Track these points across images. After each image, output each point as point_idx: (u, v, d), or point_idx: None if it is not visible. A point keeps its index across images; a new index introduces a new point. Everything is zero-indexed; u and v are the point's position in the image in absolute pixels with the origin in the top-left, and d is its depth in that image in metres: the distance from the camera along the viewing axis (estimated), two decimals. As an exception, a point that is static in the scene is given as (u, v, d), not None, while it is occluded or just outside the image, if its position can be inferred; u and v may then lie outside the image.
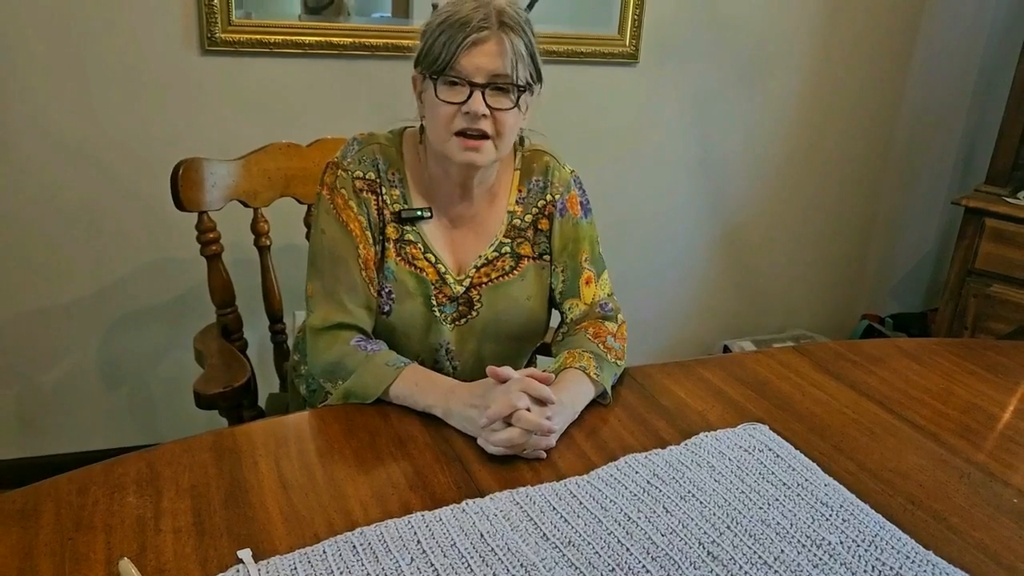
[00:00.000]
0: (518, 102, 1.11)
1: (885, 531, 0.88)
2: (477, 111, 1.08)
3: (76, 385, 2.04)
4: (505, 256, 1.25)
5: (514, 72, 1.09)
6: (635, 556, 0.82)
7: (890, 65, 2.62)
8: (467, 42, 1.06)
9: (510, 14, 1.09)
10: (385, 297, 1.21)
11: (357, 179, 1.19)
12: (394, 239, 1.21)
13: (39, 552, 0.79)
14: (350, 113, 2.00)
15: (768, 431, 1.07)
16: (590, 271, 1.27)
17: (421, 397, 1.07)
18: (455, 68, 1.08)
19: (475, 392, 1.04)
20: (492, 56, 1.08)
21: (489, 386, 1.03)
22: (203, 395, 1.22)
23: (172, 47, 1.85)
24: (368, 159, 1.20)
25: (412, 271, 1.21)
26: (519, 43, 1.09)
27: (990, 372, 1.33)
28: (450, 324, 1.24)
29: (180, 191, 1.38)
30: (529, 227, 1.26)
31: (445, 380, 1.10)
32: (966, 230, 2.35)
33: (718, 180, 2.55)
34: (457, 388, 1.06)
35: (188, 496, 0.88)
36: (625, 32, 2.22)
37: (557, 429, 1.02)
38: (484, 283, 1.24)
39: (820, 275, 2.86)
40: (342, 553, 0.80)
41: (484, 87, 1.09)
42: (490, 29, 1.07)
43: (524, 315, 1.26)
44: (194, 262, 1.59)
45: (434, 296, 1.22)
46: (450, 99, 1.09)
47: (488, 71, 1.08)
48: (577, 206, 1.27)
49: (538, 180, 1.26)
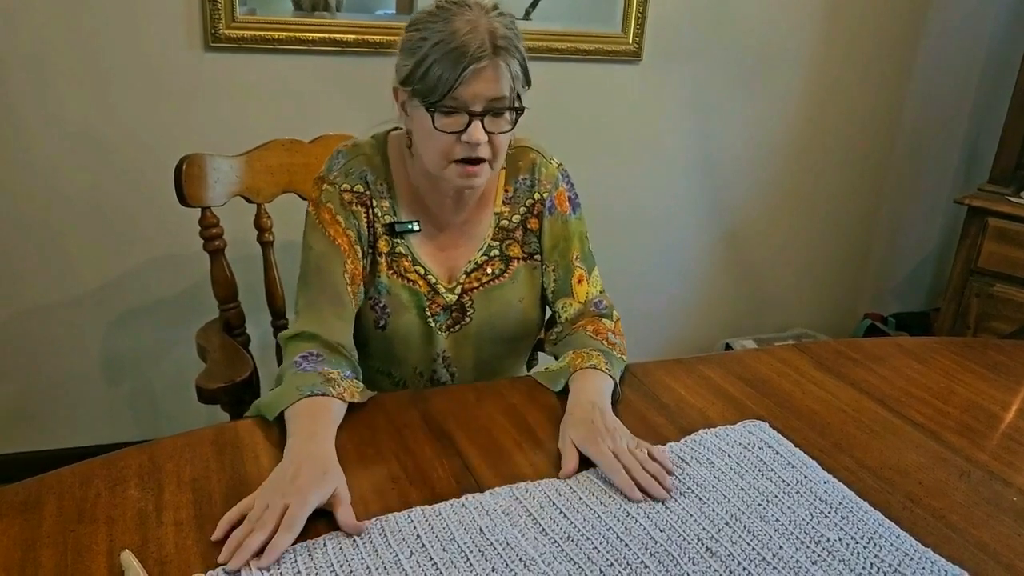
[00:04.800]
0: (515, 123, 1.09)
1: (884, 528, 0.88)
2: (478, 140, 1.05)
3: (79, 379, 2.05)
4: (495, 259, 1.23)
5: (512, 95, 1.06)
6: (634, 552, 0.82)
7: (893, 63, 2.62)
8: (466, 74, 1.01)
9: (502, 33, 1.04)
10: (380, 312, 1.19)
11: (345, 192, 1.16)
12: (385, 252, 1.19)
13: (41, 544, 0.79)
14: (353, 109, 2.00)
15: (768, 428, 1.07)
16: (581, 269, 1.26)
17: (293, 429, 0.96)
18: (453, 98, 1.03)
19: (317, 472, 0.88)
20: (490, 83, 1.04)
21: (330, 474, 0.88)
22: (205, 390, 1.22)
23: (176, 44, 1.86)
24: (355, 172, 1.17)
25: (404, 284, 1.20)
26: (514, 64, 1.05)
27: (992, 371, 1.33)
28: (445, 332, 1.23)
29: (183, 187, 1.38)
30: (517, 227, 1.24)
31: (322, 432, 0.96)
32: (969, 229, 2.35)
33: (720, 178, 2.55)
34: (314, 453, 0.91)
35: (189, 489, 0.88)
36: (628, 30, 2.22)
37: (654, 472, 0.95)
38: (475, 288, 1.22)
39: (822, 274, 2.86)
40: (342, 546, 0.81)
41: (483, 115, 1.05)
42: (487, 57, 1.02)
43: (517, 317, 1.25)
44: (197, 257, 1.59)
45: (427, 307, 1.20)
46: (449, 129, 1.05)
47: (486, 98, 1.04)
48: (566, 202, 1.25)
49: (525, 178, 1.23)
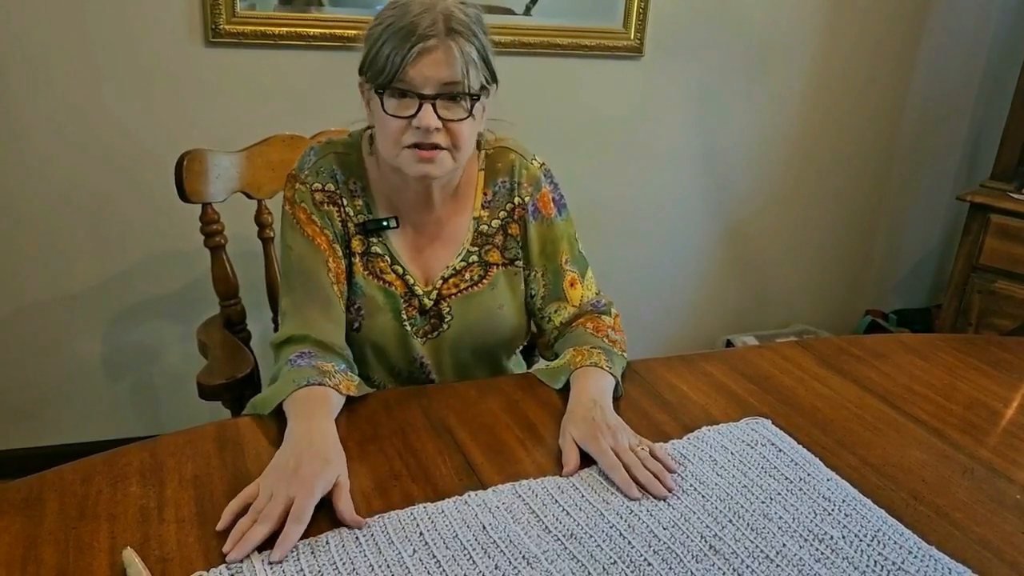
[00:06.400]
0: (472, 111, 1.05)
1: (887, 526, 0.88)
2: (428, 125, 1.01)
3: (80, 376, 2.05)
4: (473, 265, 1.20)
5: (465, 79, 1.02)
6: (637, 549, 0.82)
7: (895, 60, 2.61)
8: (413, 52, 0.99)
9: (458, 17, 1.02)
10: (355, 313, 1.17)
11: (316, 191, 1.14)
12: (360, 252, 1.16)
13: (43, 541, 0.79)
14: (353, 105, 1.99)
15: (770, 425, 1.07)
16: (573, 272, 1.22)
17: (292, 418, 0.97)
18: (402, 80, 1.01)
19: (319, 460, 0.88)
20: (440, 65, 1.00)
21: (332, 461, 0.89)
22: (206, 386, 1.22)
23: (176, 39, 1.85)
24: (325, 170, 1.15)
25: (380, 285, 1.17)
26: (469, 48, 1.02)
27: (994, 368, 1.32)
28: (422, 339, 1.20)
29: (184, 182, 1.38)
30: (497, 232, 1.20)
31: (321, 416, 0.97)
32: (971, 226, 2.34)
33: (722, 174, 2.54)
34: (315, 439, 0.92)
35: (191, 486, 0.88)
36: (630, 26, 2.21)
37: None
38: (453, 294, 1.19)
39: (824, 270, 2.86)
40: (345, 544, 0.81)
41: (434, 98, 1.02)
42: (437, 36, 1.00)
43: (498, 324, 1.21)
44: (198, 254, 1.59)
45: (404, 310, 1.17)
46: (399, 113, 1.03)
47: (437, 81, 1.01)
48: (550, 205, 1.21)
49: (504, 181, 1.20)
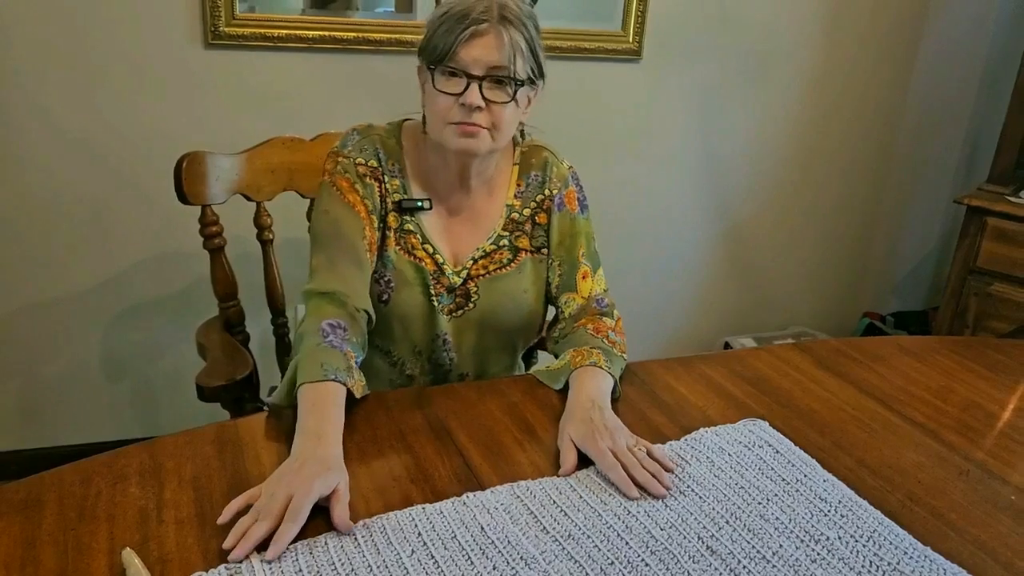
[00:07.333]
0: (515, 96, 1.12)
1: (883, 527, 0.88)
2: (473, 103, 1.09)
3: (78, 377, 2.05)
4: (503, 249, 1.26)
5: (512, 65, 1.09)
6: (634, 550, 0.82)
7: (894, 63, 2.62)
8: (466, 34, 1.07)
9: (512, 8, 1.10)
10: (384, 285, 1.22)
11: (360, 165, 1.20)
12: (394, 228, 1.22)
13: (42, 542, 0.79)
14: (353, 107, 2.00)
15: (768, 427, 1.08)
16: (586, 266, 1.28)
17: (304, 417, 0.96)
18: (453, 59, 1.09)
19: (325, 462, 0.89)
20: (490, 49, 1.08)
21: (334, 469, 0.88)
22: (205, 388, 1.22)
23: (176, 41, 1.86)
24: (369, 148, 1.21)
25: (411, 260, 1.22)
26: (518, 37, 1.10)
27: (990, 371, 1.33)
28: (448, 316, 1.25)
29: (183, 184, 1.38)
30: (527, 221, 1.27)
31: (331, 433, 0.95)
32: (968, 229, 2.35)
33: (721, 177, 2.55)
34: (323, 446, 0.91)
35: (190, 487, 0.88)
36: (629, 28, 2.22)
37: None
38: (482, 275, 1.25)
39: (822, 273, 2.86)
40: (343, 544, 0.81)
41: (481, 79, 1.09)
42: (490, 22, 1.08)
43: (520, 308, 1.27)
44: (197, 255, 1.59)
45: (432, 285, 1.23)
46: (448, 90, 1.10)
47: (486, 63, 1.08)
48: (575, 202, 1.28)
49: (536, 175, 1.27)
